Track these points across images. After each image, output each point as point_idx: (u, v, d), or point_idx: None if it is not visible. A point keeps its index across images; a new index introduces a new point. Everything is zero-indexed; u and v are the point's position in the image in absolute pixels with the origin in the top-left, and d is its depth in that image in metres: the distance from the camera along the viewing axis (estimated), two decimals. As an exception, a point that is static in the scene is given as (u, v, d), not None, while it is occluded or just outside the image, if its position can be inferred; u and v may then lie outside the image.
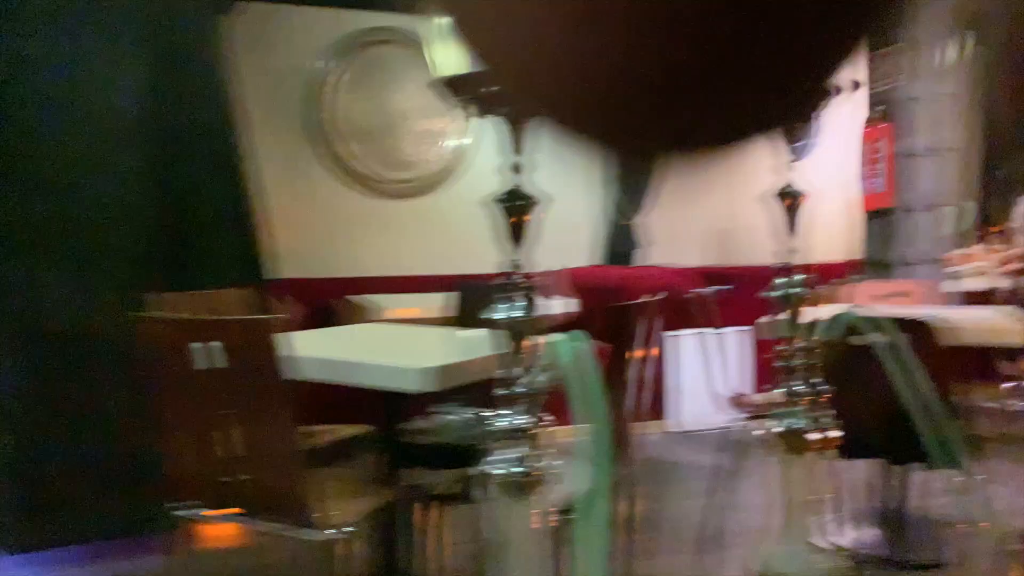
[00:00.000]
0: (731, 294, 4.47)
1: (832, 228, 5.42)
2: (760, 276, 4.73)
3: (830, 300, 2.97)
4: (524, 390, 0.79)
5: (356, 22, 4.44)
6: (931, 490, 2.81)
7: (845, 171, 4.56)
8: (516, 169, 1.10)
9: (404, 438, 2.09)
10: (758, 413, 3.01)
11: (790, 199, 0.99)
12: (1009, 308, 2.61)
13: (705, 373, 3.74)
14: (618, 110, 0.44)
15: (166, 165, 2.99)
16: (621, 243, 5.15)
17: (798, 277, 1.01)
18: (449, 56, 1.00)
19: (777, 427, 1.01)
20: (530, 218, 1.18)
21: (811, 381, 1.01)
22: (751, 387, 4.26)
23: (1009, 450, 2.59)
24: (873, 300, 3.45)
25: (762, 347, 4.24)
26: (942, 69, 4.29)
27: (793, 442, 1.01)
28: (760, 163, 4.74)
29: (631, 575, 2.23)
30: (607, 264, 5.12)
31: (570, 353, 0.87)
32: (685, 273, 4.73)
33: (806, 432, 0.99)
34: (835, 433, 1.03)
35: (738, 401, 3.13)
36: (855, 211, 4.50)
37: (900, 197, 4.23)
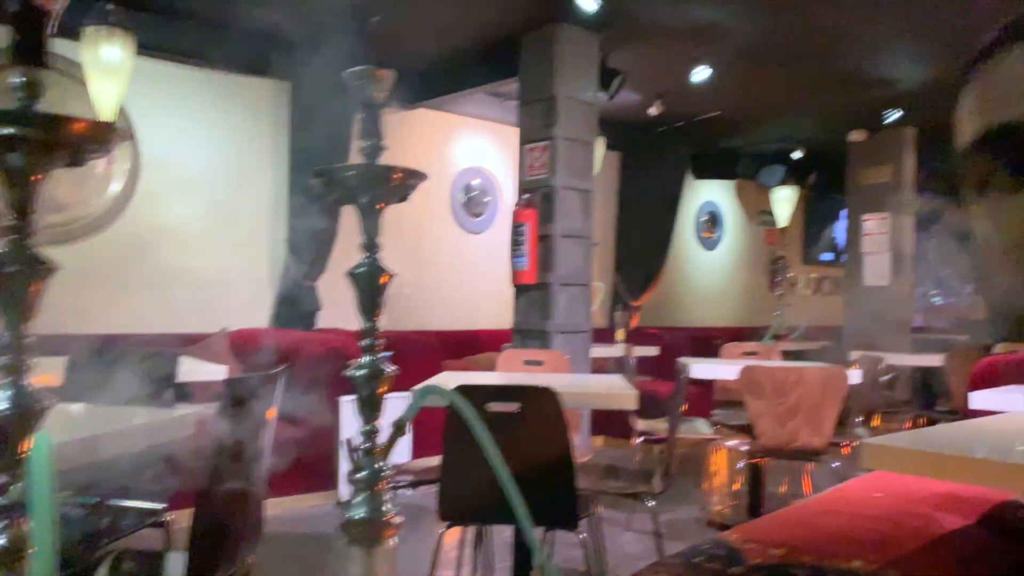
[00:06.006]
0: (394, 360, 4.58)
1: (496, 299, 5.85)
2: (426, 341, 4.87)
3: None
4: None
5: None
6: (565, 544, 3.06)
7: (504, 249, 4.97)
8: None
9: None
10: (418, 480, 3.08)
11: (374, 276, 1.02)
12: (618, 376, 2.98)
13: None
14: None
15: None
16: (301, 305, 5.05)
17: (381, 355, 1.04)
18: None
19: (357, 513, 1.02)
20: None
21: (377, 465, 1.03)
22: (410, 454, 4.34)
23: (624, 502, 2.90)
24: (517, 366, 3.75)
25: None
26: (584, 167, 4.89)
27: (369, 529, 1.02)
28: (437, 231, 4.93)
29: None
30: (281, 327, 4.98)
31: (42, 448, 0.79)
32: (354, 337, 4.75)
33: (376, 519, 1.01)
34: (397, 520, 1.05)
35: (397, 469, 3.16)
36: (508, 285, 4.90)
37: (544, 274, 4.68)
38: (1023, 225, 0.49)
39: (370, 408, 1.07)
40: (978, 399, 2.37)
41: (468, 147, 6.41)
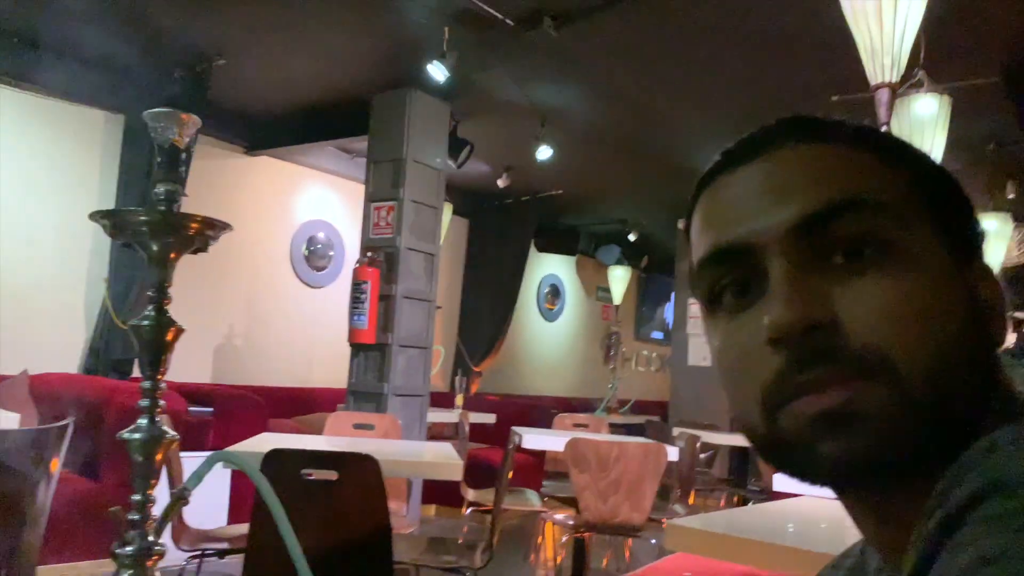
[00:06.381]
0: (213, 417, 4.31)
1: (335, 357, 5.65)
2: (255, 397, 4.61)
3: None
4: None
5: None
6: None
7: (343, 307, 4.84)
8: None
9: None
10: (229, 549, 2.85)
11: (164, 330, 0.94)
12: (447, 444, 2.93)
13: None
14: None
15: None
16: (115, 350, 4.65)
17: (161, 418, 0.94)
18: None
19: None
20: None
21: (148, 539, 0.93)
22: (226, 519, 4.05)
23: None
24: (346, 429, 3.62)
25: (235, 476, 4.09)
26: (429, 230, 4.89)
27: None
28: (275, 283, 4.69)
29: None
30: (93, 373, 4.56)
31: None
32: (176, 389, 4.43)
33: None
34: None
35: (205, 535, 2.92)
36: (343, 344, 4.76)
37: (383, 335, 4.60)
38: (736, 348, 0.50)
39: (144, 476, 0.96)
40: (780, 480, 2.50)
41: (314, 199, 6.27)
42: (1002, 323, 0.51)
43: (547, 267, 8.57)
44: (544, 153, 5.09)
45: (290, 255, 6.08)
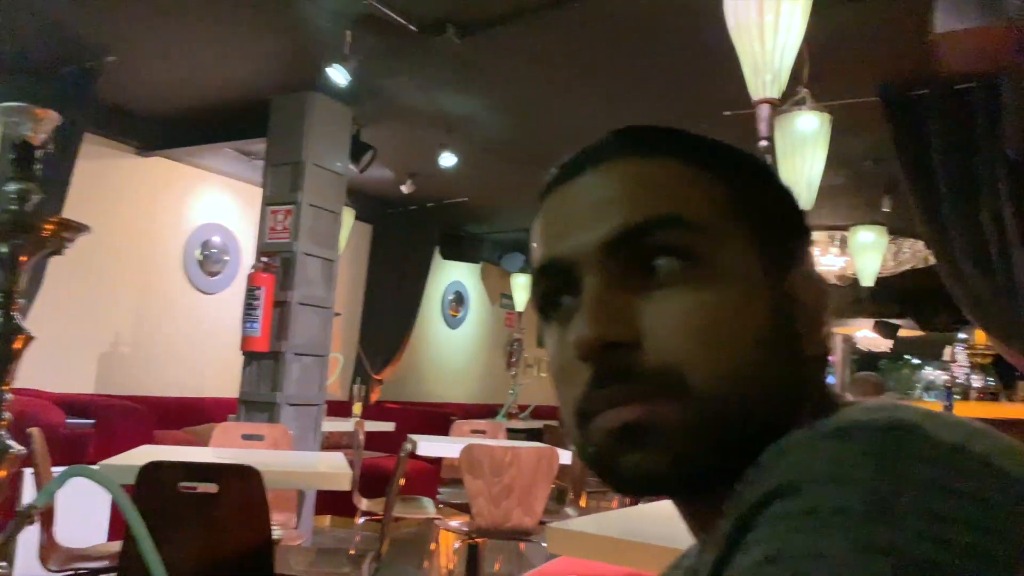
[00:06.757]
0: (94, 429, 4.10)
1: (229, 365, 5.46)
2: (141, 407, 4.40)
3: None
4: None
5: None
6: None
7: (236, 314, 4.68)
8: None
9: None
10: (103, 568, 2.71)
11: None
12: (338, 454, 2.88)
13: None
14: None
15: None
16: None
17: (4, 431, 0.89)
18: None
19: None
20: None
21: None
22: (106, 535, 3.85)
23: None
24: (234, 441, 3.51)
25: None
26: (329, 236, 4.80)
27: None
28: (166, 288, 4.50)
29: None
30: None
31: None
32: (44, 399, 4.19)
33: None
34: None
35: (70, 553, 2.77)
36: (238, 352, 4.61)
37: (277, 342, 4.48)
38: (559, 359, 0.52)
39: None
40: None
41: (209, 203, 6.06)
42: (819, 329, 0.52)
43: (452, 274, 8.56)
44: (448, 160, 5.09)
45: (183, 260, 5.86)
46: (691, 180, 0.51)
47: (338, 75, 3.95)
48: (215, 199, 6.10)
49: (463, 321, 8.81)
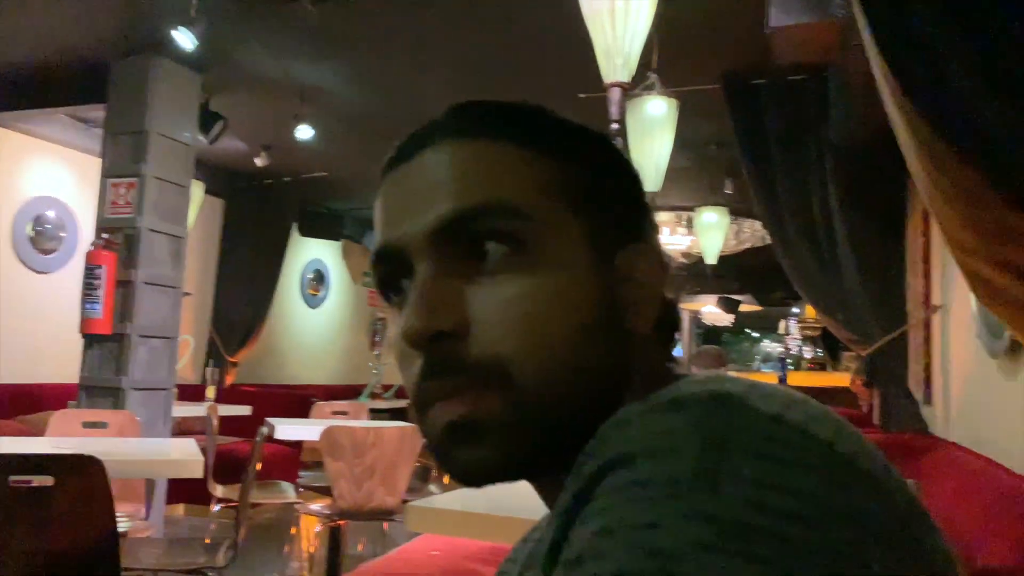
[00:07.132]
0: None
1: (68, 349, 5.08)
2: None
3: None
4: None
5: None
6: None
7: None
8: None
9: None
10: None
11: None
12: (190, 440, 2.76)
13: None
14: None
15: None
16: None
17: None
18: None
19: None
20: None
21: None
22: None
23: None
24: (74, 429, 3.29)
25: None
26: (176, 210, 4.55)
27: None
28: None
29: None
30: None
31: None
32: None
33: None
34: None
35: None
36: (77, 334, 4.31)
37: (121, 324, 4.22)
38: (398, 344, 0.51)
39: None
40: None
41: (42, 174, 5.60)
42: (652, 305, 0.52)
43: (311, 252, 8.34)
44: (305, 133, 4.93)
45: (12, 236, 5.39)
46: (523, 162, 0.50)
47: (183, 39, 3.73)
48: (48, 170, 5.64)
49: (324, 300, 8.62)
